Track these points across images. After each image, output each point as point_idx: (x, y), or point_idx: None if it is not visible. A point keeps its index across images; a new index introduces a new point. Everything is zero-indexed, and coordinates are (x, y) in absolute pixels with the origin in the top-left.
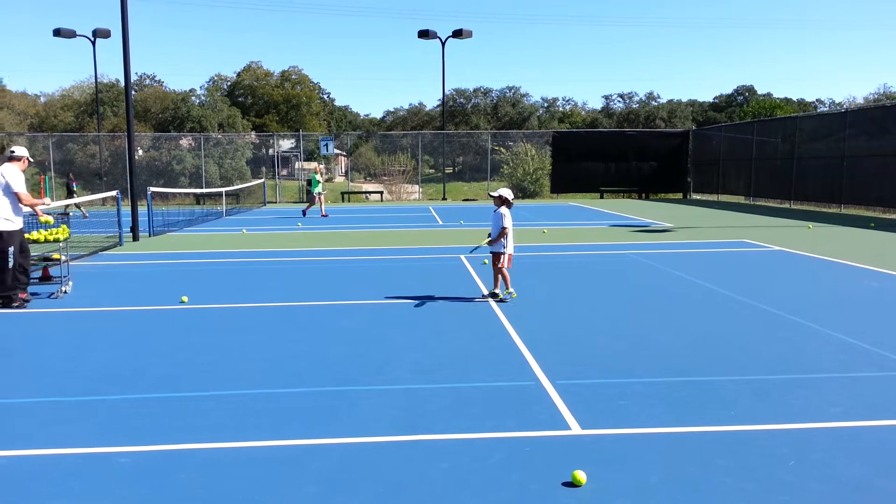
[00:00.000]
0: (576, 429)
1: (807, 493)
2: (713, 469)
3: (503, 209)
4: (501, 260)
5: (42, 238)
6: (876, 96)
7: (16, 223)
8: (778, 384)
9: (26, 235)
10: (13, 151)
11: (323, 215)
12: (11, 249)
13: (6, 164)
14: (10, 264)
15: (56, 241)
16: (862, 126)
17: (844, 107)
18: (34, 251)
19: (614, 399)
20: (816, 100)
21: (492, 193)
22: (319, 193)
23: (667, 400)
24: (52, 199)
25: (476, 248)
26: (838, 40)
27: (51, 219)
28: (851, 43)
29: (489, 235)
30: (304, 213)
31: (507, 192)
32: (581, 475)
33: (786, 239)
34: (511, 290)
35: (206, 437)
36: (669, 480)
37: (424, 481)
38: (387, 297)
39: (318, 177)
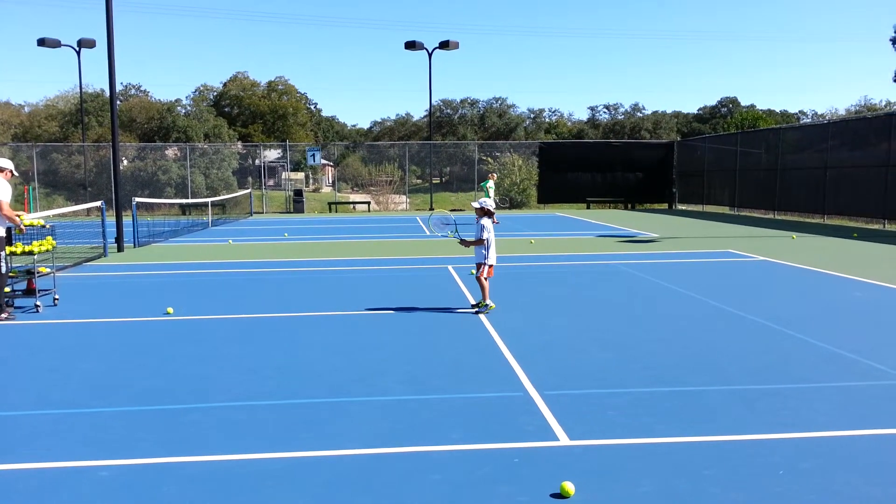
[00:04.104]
0: (564, 440)
1: (796, 503)
2: (702, 479)
3: (484, 220)
4: (482, 270)
5: (30, 250)
6: (857, 108)
7: (1, 231)
8: (765, 394)
9: (9, 249)
10: None
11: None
12: (3, 255)
13: None
14: (3, 269)
15: (31, 252)
16: (844, 137)
17: (827, 118)
18: (19, 263)
19: (603, 410)
20: (799, 111)
21: (473, 205)
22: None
23: (655, 410)
24: (36, 210)
25: (455, 233)
26: (820, 53)
27: (31, 221)
28: (833, 55)
29: (463, 236)
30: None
31: (488, 204)
32: (569, 486)
33: (770, 249)
34: (489, 301)
35: (192, 450)
36: (658, 491)
37: (414, 493)
38: (375, 308)
39: (489, 184)
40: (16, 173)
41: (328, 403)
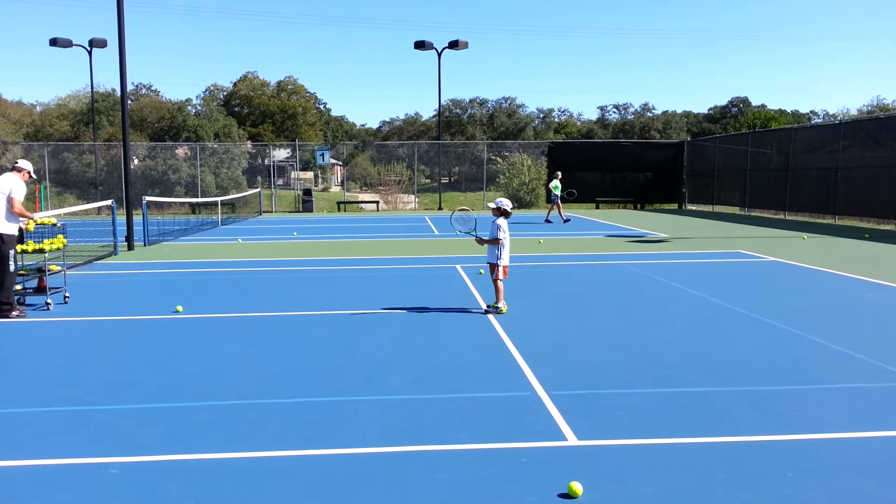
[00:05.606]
0: (572, 440)
1: None
2: (710, 480)
3: (500, 220)
4: (496, 271)
5: (41, 248)
6: (869, 108)
7: (12, 229)
8: (775, 395)
9: (20, 247)
10: (16, 163)
11: (565, 220)
12: (12, 252)
13: (9, 174)
14: (12, 268)
15: (41, 251)
16: (856, 137)
17: (838, 118)
18: (31, 261)
19: (611, 410)
20: (811, 111)
21: (490, 205)
22: (556, 198)
23: (664, 411)
24: (47, 209)
25: (473, 232)
26: (832, 52)
27: (41, 220)
28: (845, 55)
29: (480, 234)
30: (554, 219)
31: (504, 203)
32: (577, 487)
33: (781, 249)
34: (500, 304)
35: (200, 447)
36: (666, 492)
37: (421, 493)
38: (383, 307)
39: (555, 182)
40: (33, 175)
41: (334, 402)
